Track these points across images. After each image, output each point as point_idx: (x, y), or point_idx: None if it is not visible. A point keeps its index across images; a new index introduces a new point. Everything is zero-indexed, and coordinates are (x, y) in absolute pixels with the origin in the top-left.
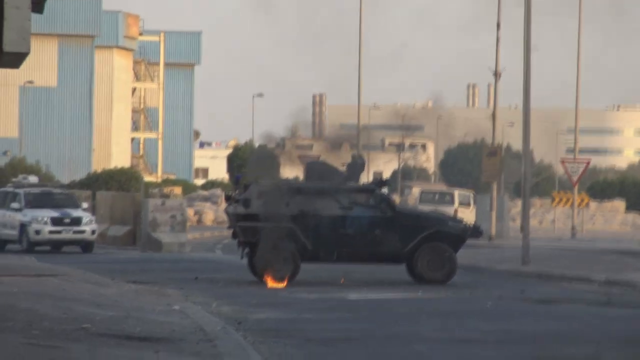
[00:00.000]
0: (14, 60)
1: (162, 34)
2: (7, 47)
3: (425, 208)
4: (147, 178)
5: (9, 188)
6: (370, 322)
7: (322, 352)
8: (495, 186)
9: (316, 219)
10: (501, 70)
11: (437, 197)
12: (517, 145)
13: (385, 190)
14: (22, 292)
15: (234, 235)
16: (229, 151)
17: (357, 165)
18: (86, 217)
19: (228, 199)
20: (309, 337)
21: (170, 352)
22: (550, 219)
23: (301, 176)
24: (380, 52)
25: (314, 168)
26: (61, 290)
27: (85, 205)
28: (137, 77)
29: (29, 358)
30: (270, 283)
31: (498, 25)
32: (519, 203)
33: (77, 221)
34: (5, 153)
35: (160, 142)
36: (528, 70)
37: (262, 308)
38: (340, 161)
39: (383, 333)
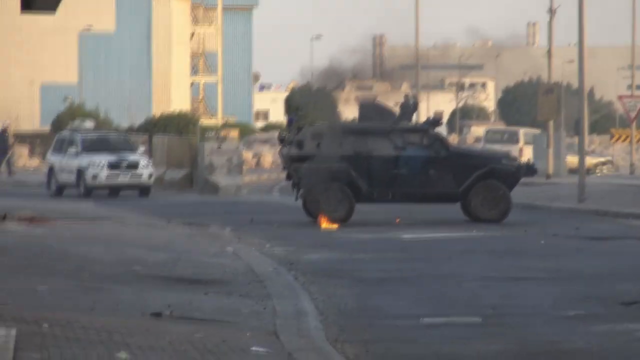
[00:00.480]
0: (48, 3)
1: None
2: None
3: (491, 147)
4: (207, 121)
5: (65, 133)
6: (422, 262)
7: (372, 292)
8: (551, 124)
9: (370, 160)
10: (556, 7)
11: (505, 136)
12: (577, 82)
13: (439, 129)
14: (75, 236)
15: (288, 177)
16: (287, 94)
17: (409, 105)
18: (143, 161)
19: (282, 141)
20: (360, 277)
21: (219, 294)
22: (609, 156)
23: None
24: None
25: (368, 109)
26: (114, 234)
27: (142, 149)
28: (196, 21)
29: (76, 300)
30: (325, 224)
31: None
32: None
33: (134, 165)
34: (65, 99)
35: (219, 86)
36: (582, 6)
37: (315, 249)
38: (394, 100)
39: (435, 272)
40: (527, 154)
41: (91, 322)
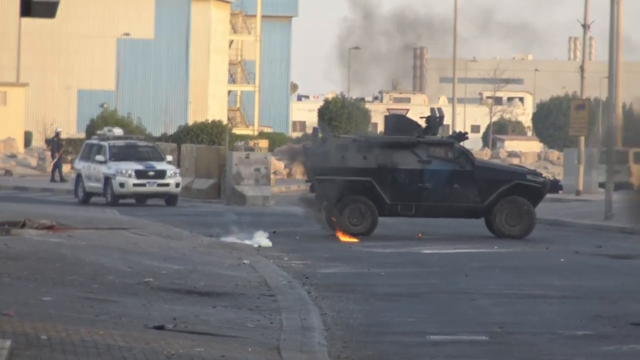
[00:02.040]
0: (46, 9)
1: None
2: None
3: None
4: (243, 131)
5: (94, 140)
6: (439, 277)
7: (382, 308)
8: (582, 140)
9: (394, 173)
10: (590, 22)
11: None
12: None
13: (465, 143)
14: (91, 245)
15: (312, 189)
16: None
17: (436, 119)
18: (170, 169)
19: (307, 152)
20: (373, 292)
21: (227, 307)
22: None
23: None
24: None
25: (393, 121)
26: (131, 244)
27: (169, 158)
28: (234, 30)
29: (80, 311)
30: (346, 237)
31: None
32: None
33: (161, 174)
34: (102, 105)
35: (257, 95)
36: (614, 21)
37: (334, 262)
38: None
39: (450, 288)
40: None
41: (91, 334)
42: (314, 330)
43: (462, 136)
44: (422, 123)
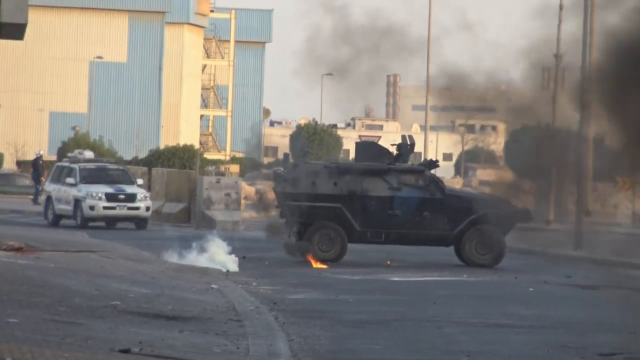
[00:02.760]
0: (14, 31)
1: (233, 12)
2: (4, 18)
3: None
4: (214, 155)
5: (64, 163)
6: (407, 305)
7: (349, 335)
8: (554, 170)
9: (365, 200)
10: (562, 53)
11: None
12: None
13: (435, 171)
14: (59, 268)
15: (282, 215)
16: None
17: (407, 146)
18: (141, 193)
19: (277, 177)
20: (341, 319)
21: (194, 332)
22: (613, 204)
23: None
24: (452, 35)
25: (364, 148)
26: (99, 267)
27: (140, 181)
28: (208, 54)
29: (46, 333)
30: (316, 263)
31: (561, 7)
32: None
33: (131, 197)
34: (74, 128)
35: (229, 120)
36: (585, 50)
37: (302, 288)
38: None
39: (417, 316)
40: None
41: (56, 357)
42: (280, 356)
43: (433, 164)
44: (393, 150)
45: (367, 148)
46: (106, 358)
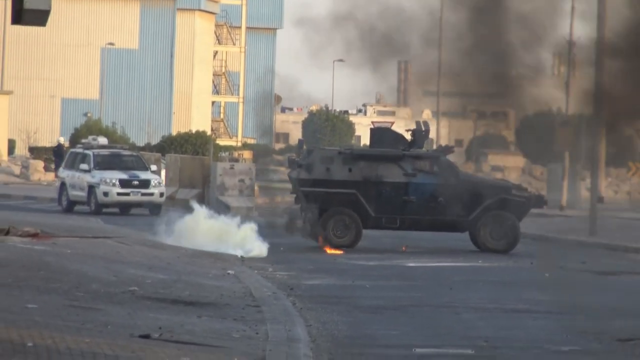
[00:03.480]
0: (37, 17)
1: None
2: (28, 4)
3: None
4: (227, 142)
5: (78, 149)
6: (423, 290)
7: (367, 320)
8: (567, 155)
9: (379, 186)
10: (576, 39)
11: None
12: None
13: (451, 156)
14: (75, 254)
15: (297, 201)
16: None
17: (421, 132)
18: (154, 179)
19: (292, 163)
20: (358, 305)
21: (212, 317)
22: (626, 190)
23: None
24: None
25: (379, 134)
26: (115, 253)
27: (154, 167)
28: (219, 41)
29: (66, 319)
30: (330, 249)
31: None
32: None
33: (145, 183)
34: (86, 114)
35: (241, 106)
36: (601, 37)
37: (318, 274)
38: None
39: (434, 301)
40: None
41: (77, 342)
42: (299, 341)
43: (448, 149)
44: (408, 136)
45: (382, 134)
46: (126, 344)
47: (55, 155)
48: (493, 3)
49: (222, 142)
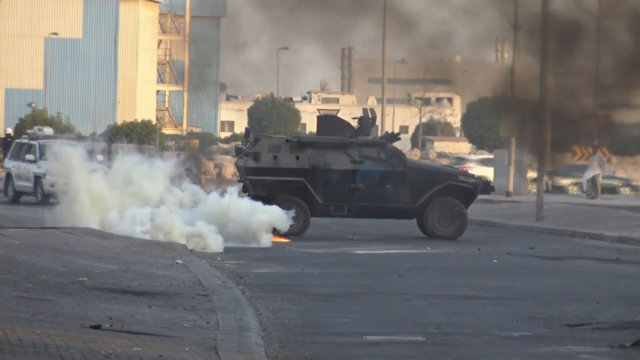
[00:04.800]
0: None
1: None
2: None
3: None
4: (173, 131)
5: (24, 139)
6: (373, 278)
7: (317, 308)
8: (513, 141)
9: (327, 173)
10: (520, 23)
11: None
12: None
13: (398, 144)
14: (24, 245)
15: (244, 189)
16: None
17: (368, 119)
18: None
19: (239, 152)
20: (308, 293)
21: (163, 307)
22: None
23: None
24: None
25: (326, 122)
26: (64, 244)
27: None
28: (163, 30)
29: (16, 310)
30: (278, 237)
31: None
32: None
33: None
34: (30, 104)
35: (185, 95)
36: (545, 23)
37: (267, 262)
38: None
39: (384, 289)
40: None
41: (28, 333)
42: (250, 330)
43: (395, 137)
44: (355, 124)
45: (329, 122)
46: (77, 334)
47: (2, 145)
48: None
49: (168, 131)
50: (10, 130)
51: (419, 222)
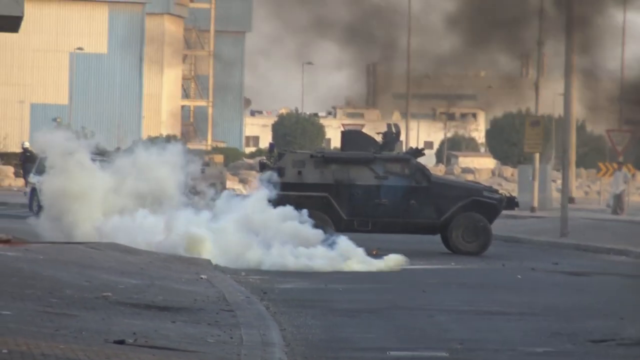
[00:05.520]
0: (10, 24)
1: (213, 1)
2: (0, 11)
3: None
4: (197, 146)
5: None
6: (397, 293)
7: (341, 324)
8: (537, 156)
9: (351, 189)
10: (545, 39)
11: None
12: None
13: (422, 159)
14: (48, 260)
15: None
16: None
17: (392, 134)
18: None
19: (263, 167)
20: (332, 308)
21: (187, 322)
22: (596, 190)
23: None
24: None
25: (350, 137)
26: (88, 258)
27: None
28: (188, 45)
29: (40, 325)
30: None
31: None
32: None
33: None
34: (55, 119)
35: (210, 110)
36: (570, 38)
37: (291, 278)
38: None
39: (408, 304)
40: None
41: (52, 348)
42: (274, 345)
43: (419, 152)
44: (379, 139)
45: (353, 137)
46: (101, 349)
47: (21, 160)
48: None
49: (192, 146)
50: (27, 145)
51: (443, 237)
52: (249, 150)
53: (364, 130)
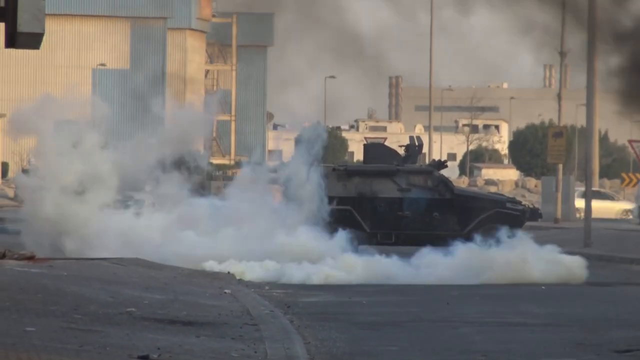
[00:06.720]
0: (31, 40)
1: (234, 16)
2: (22, 28)
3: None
4: (220, 160)
5: None
6: (420, 306)
7: (365, 337)
8: (560, 167)
9: (374, 201)
10: (567, 50)
11: None
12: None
13: (445, 171)
14: (72, 276)
15: None
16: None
17: (415, 147)
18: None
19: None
20: (355, 321)
21: (211, 337)
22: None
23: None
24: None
25: (373, 150)
26: (111, 274)
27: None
28: (210, 59)
29: (64, 341)
30: None
31: (563, 4)
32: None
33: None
34: None
35: (233, 124)
36: (592, 47)
37: (315, 291)
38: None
39: (431, 316)
40: None
41: None
42: (298, 359)
43: (442, 164)
44: (401, 151)
45: (376, 150)
46: None
47: None
48: None
49: (215, 160)
50: None
51: None
52: (272, 164)
53: (387, 143)
